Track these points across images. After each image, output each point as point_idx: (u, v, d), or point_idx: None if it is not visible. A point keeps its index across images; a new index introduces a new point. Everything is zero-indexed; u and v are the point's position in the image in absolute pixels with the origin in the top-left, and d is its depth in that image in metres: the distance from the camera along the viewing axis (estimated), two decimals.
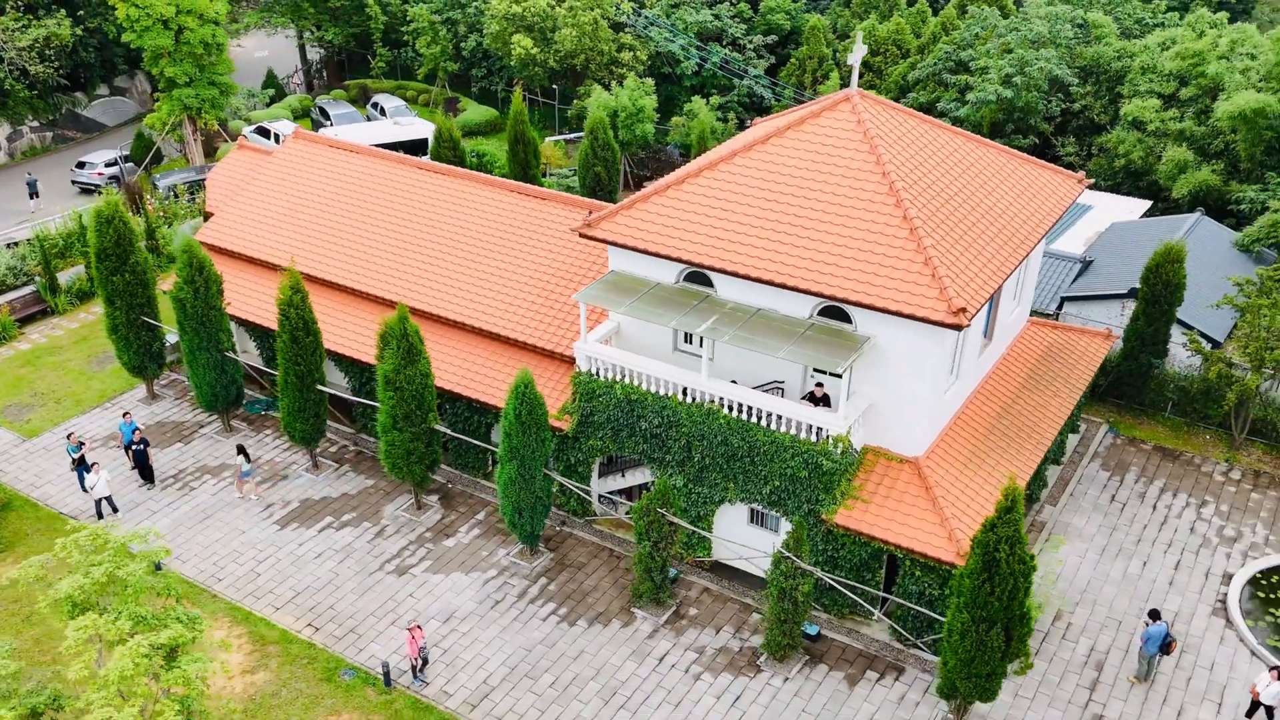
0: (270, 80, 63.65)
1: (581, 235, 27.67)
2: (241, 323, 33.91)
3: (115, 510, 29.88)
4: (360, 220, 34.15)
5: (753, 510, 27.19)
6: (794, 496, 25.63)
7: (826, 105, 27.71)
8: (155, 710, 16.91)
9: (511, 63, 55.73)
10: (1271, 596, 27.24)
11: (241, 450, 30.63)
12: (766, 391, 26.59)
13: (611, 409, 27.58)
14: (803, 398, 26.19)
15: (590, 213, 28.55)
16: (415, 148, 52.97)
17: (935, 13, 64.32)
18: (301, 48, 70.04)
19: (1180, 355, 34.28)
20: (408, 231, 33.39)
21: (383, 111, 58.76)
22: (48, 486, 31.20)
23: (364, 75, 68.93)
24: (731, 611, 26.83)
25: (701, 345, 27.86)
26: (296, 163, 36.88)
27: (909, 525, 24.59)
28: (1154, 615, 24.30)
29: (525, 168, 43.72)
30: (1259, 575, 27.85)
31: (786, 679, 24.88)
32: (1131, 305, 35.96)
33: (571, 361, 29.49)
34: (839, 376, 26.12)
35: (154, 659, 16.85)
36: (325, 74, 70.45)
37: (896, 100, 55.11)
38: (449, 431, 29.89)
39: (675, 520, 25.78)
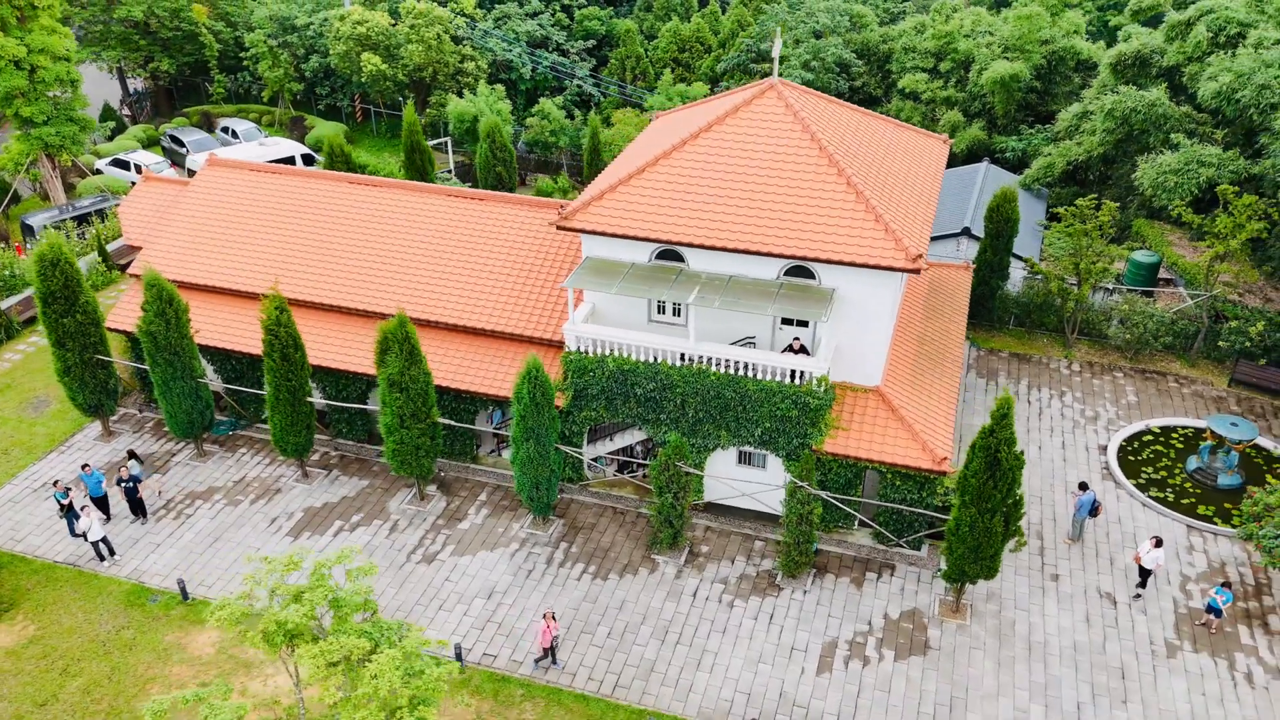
0: (108, 113, 57.14)
1: (559, 228, 26.76)
2: (202, 349, 30.65)
3: (113, 554, 26.51)
4: (307, 236, 31.50)
5: (740, 452, 27.48)
6: (784, 434, 26.07)
7: (755, 93, 27.98)
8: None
9: (363, 79, 52.59)
10: (1139, 458, 30.26)
11: (132, 454, 28.50)
12: (742, 347, 26.86)
13: (605, 381, 26.99)
14: (784, 349, 26.61)
15: (562, 208, 27.62)
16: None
17: (724, 10, 65.72)
18: (123, 79, 63.14)
19: (1016, 278, 37.17)
20: (357, 242, 31.12)
21: (234, 135, 54.10)
22: (30, 538, 27.24)
23: (197, 102, 63.09)
24: (736, 543, 27.08)
25: (676, 314, 27.80)
26: (220, 188, 33.46)
27: (887, 444, 25.60)
28: (1083, 486, 26.50)
29: (422, 174, 41.54)
30: (1124, 443, 30.86)
31: (805, 591, 25.45)
32: (965, 242, 38.66)
33: (545, 344, 28.69)
34: (805, 325, 26.89)
35: (402, 671, 15.11)
36: (154, 104, 63.92)
37: (711, 88, 56.21)
38: (452, 423, 28.43)
39: (691, 470, 25.68)
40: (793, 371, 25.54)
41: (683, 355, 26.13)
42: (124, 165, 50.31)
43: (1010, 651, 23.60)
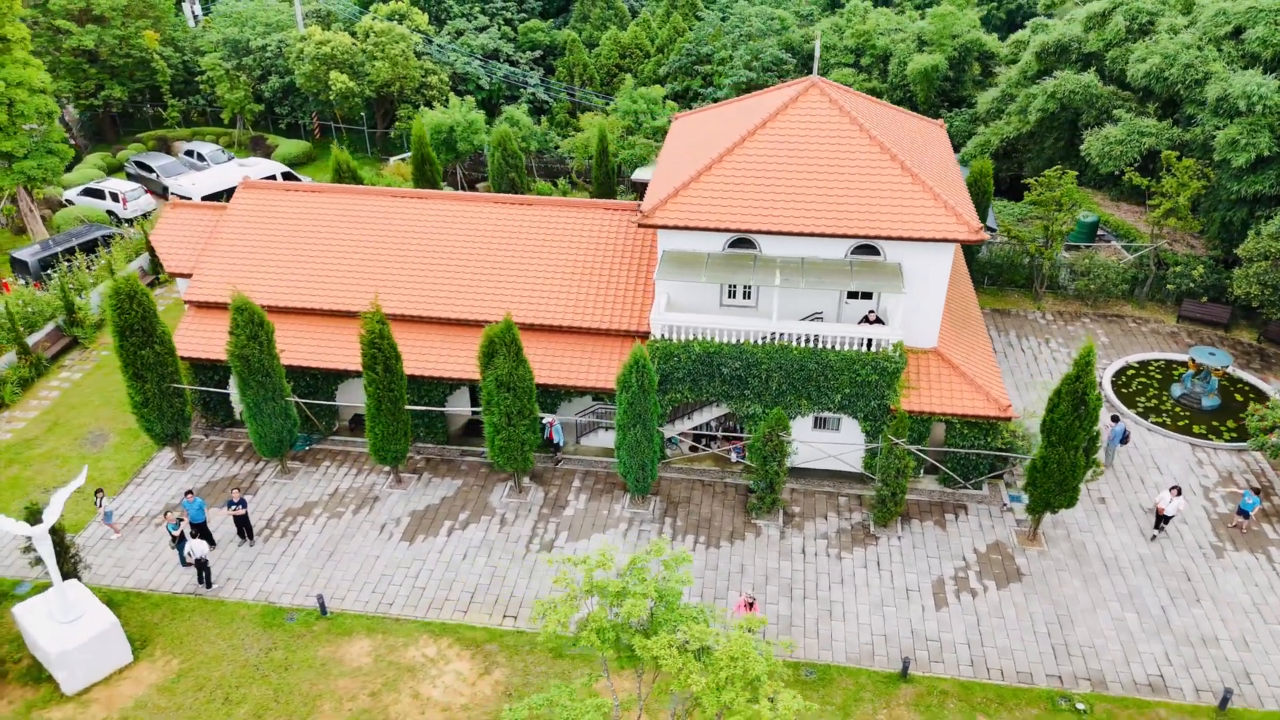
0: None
1: (641, 225, 25.83)
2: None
3: (211, 584, 24.12)
4: (367, 250, 29.33)
5: (816, 418, 27.33)
6: (864, 398, 26.04)
7: (799, 91, 27.63)
8: None
9: (331, 97, 49.37)
10: (1129, 390, 31.72)
11: (99, 492, 25.55)
12: (811, 322, 26.65)
13: (690, 364, 26.29)
14: (860, 321, 26.55)
15: (638, 208, 26.65)
16: None
17: (668, 17, 64.73)
18: (62, 108, 57.19)
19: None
20: (416, 253, 29.22)
21: (200, 158, 49.85)
22: (138, 573, 24.52)
23: (144, 128, 57.87)
24: (823, 501, 26.97)
25: (746, 298, 27.32)
26: (261, 209, 30.76)
27: (954, 397, 25.95)
28: (1114, 419, 27.60)
29: (432, 184, 39.35)
30: (1112, 379, 32.30)
31: (899, 537, 25.60)
32: None
33: (619, 335, 27.76)
34: (868, 298, 26.91)
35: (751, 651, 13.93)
36: (93, 133, 58.18)
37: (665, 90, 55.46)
38: (554, 417, 27.24)
39: (788, 439, 25.36)
40: (867, 340, 25.55)
41: (771, 334, 25.75)
42: (97, 194, 45.71)
43: (1091, 569, 24.42)
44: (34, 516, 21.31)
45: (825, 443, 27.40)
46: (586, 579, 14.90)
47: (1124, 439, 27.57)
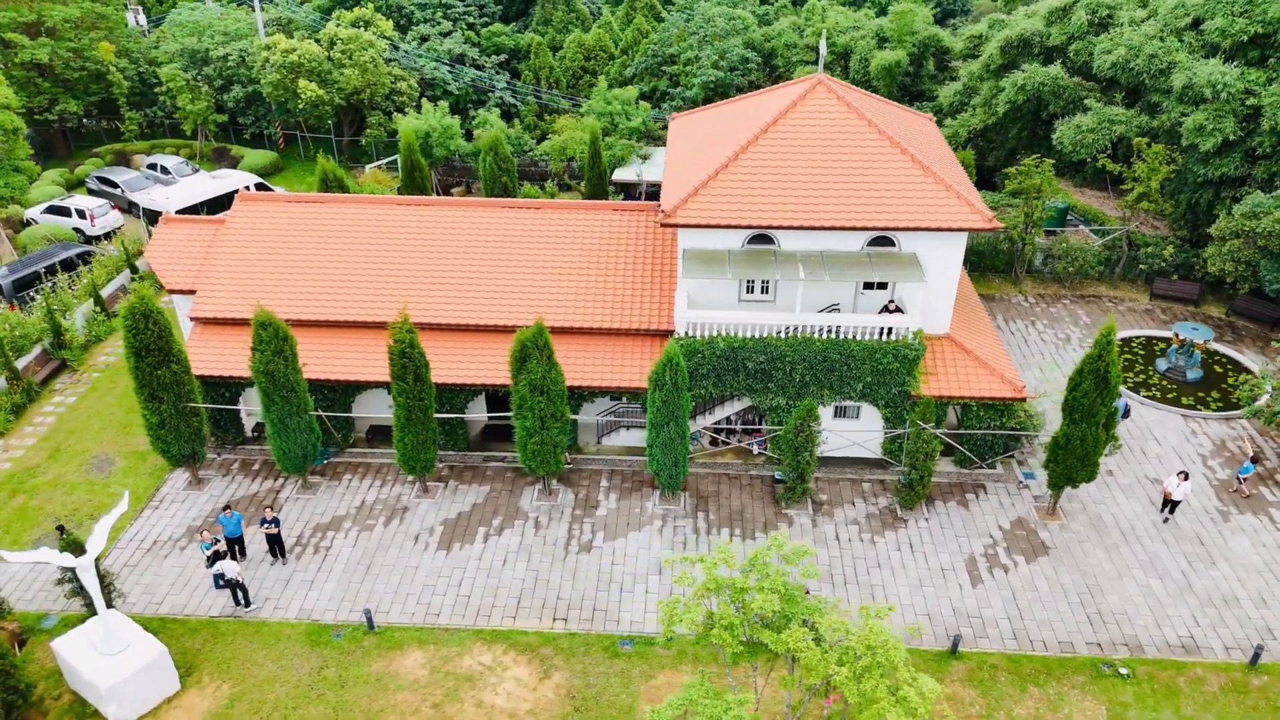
0: None
1: (664, 225, 25.77)
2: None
3: (249, 603, 23.36)
4: (377, 259, 28.67)
5: (836, 407, 27.63)
6: (885, 385, 26.42)
7: (806, 89, 27.86)
8: None
9: (301, 106, 48.04)
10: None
11: (61, 529, 23.20)
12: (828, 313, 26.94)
13: (715, 360, 26.34)
14: (881, 310, 26.91)
15: (660, 209, 26.56)
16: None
17: (629, 20, 64.56)
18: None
19: None
20: (429, 259, 28.69)
21: (165, 171, 48.00)
22: (170, 599, 23.56)
23: (96, 143, 55.47)
24: (847, 488, 27.30)
25: (764, 292, 27.48)
26: (261, 222, 29.82)
27: (971, 381, 26.52)
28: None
29: (422, 190, 38.60)
30: None
31: (927, 519, 26.07)
32: None
33: (639, 335, 27.67)
34: (883, 288, 27.31)
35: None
36: (50, 147, 55.61)
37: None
38: (582, 418, 27.04)
39: (819, 428, 25.59)
40: (884, 329, 25.94)
41: (792, 326, 25.93)
42: (62, 212, 43.71)
43: (1110, 539, 25.22)
44: (71, 547, 20.32)
45: (849, 431, 27.74)
46: (708, 577, 14.81)
47: (1125, 413, 28.53)
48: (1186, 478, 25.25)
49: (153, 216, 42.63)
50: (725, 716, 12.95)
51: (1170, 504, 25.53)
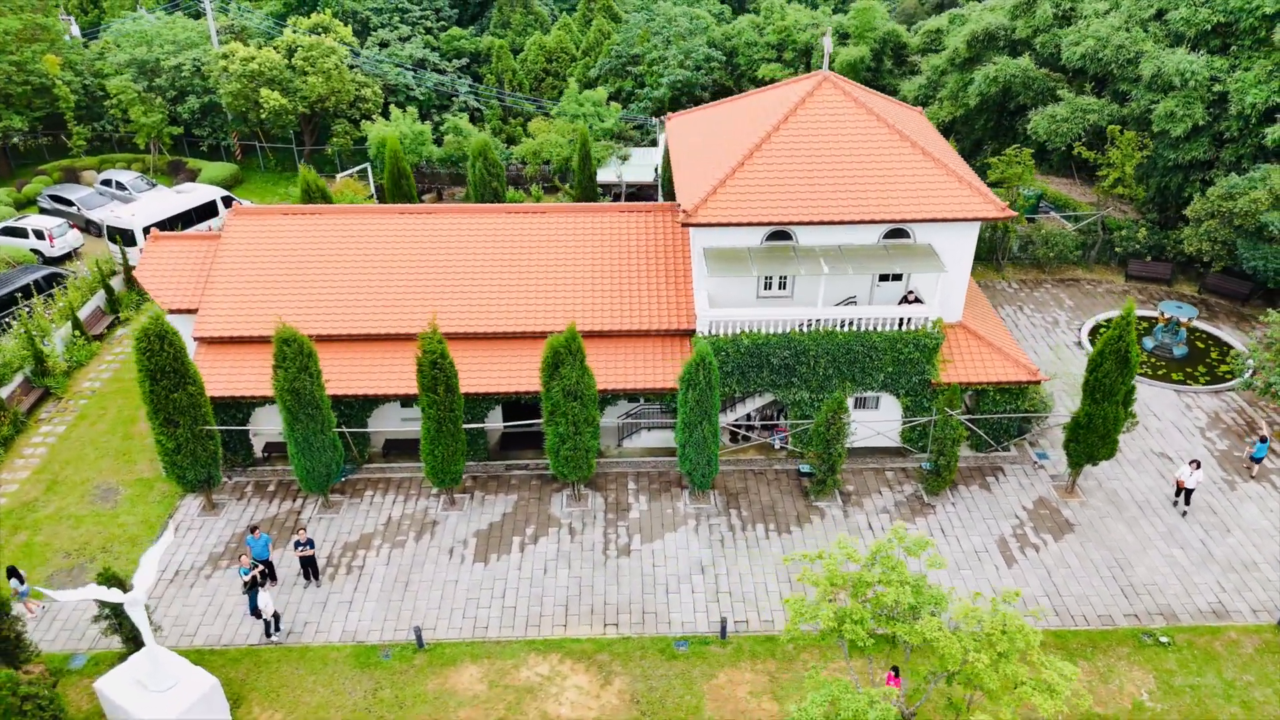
0: None
1: (684, 225, 25.75)
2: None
3: (279, 628, 22.58)
4: (384, 270, 28.02)
5: (857, 398, 28.00)
6: (906, 375, 26.88)
7: (812, 86, 28.16)
8: None
9: (263, 115, 46.59)
10: None
11: (14, 573, 22.89)
12: (845, 305, 27.28)
13: (740, 357, 26.45)
14: (900, 301, 27.31)
15: (680, 209, 26.49)
16: (205, 212, 42.97)
17: (588, 24, 64.23)
18: None
19: None
20: (437, 267, 28.15)
21: (121, 187, 46.16)
22: (204, 630, 22.63)
23: (39, 160, 52.88)
24: (871, 477, 27.66)
25: (781, 288, 27.70)
26: (259, 237, 28.86)
27: (987, 366, 27.14)
28: None
29: (408, 198, 37.79)
30: (1089, 336, 34.49)
31: (953, 503, 26.60)
32: None
33: (659, 335, 27.60)
34: (898, 279, 27.79)
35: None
36: None
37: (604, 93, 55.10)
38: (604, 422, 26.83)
39: (849, 420, 25.87)
40: (902, 319, 26.39)
41: (814, 320, 26.14)
42: (18, 233, 41.58)
43: (1130, 513, 26.10)
44: (108, 581, 19.35)
45: (870, 421, 28.13)
46: (829, 573, 14.84)
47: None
48: (1199, 466, 25.59)
49: (116, 235, 40.83)
50: (870, 710, 13.01)
51: (1185, 493, 25.91)
